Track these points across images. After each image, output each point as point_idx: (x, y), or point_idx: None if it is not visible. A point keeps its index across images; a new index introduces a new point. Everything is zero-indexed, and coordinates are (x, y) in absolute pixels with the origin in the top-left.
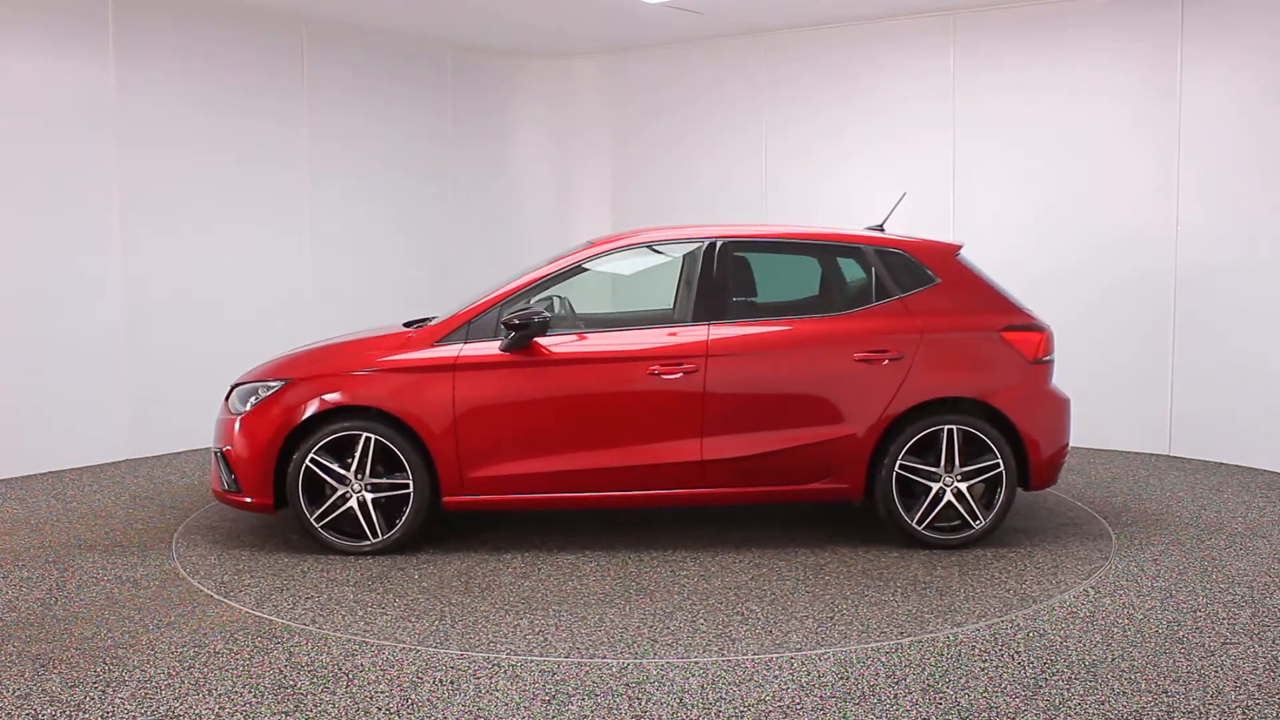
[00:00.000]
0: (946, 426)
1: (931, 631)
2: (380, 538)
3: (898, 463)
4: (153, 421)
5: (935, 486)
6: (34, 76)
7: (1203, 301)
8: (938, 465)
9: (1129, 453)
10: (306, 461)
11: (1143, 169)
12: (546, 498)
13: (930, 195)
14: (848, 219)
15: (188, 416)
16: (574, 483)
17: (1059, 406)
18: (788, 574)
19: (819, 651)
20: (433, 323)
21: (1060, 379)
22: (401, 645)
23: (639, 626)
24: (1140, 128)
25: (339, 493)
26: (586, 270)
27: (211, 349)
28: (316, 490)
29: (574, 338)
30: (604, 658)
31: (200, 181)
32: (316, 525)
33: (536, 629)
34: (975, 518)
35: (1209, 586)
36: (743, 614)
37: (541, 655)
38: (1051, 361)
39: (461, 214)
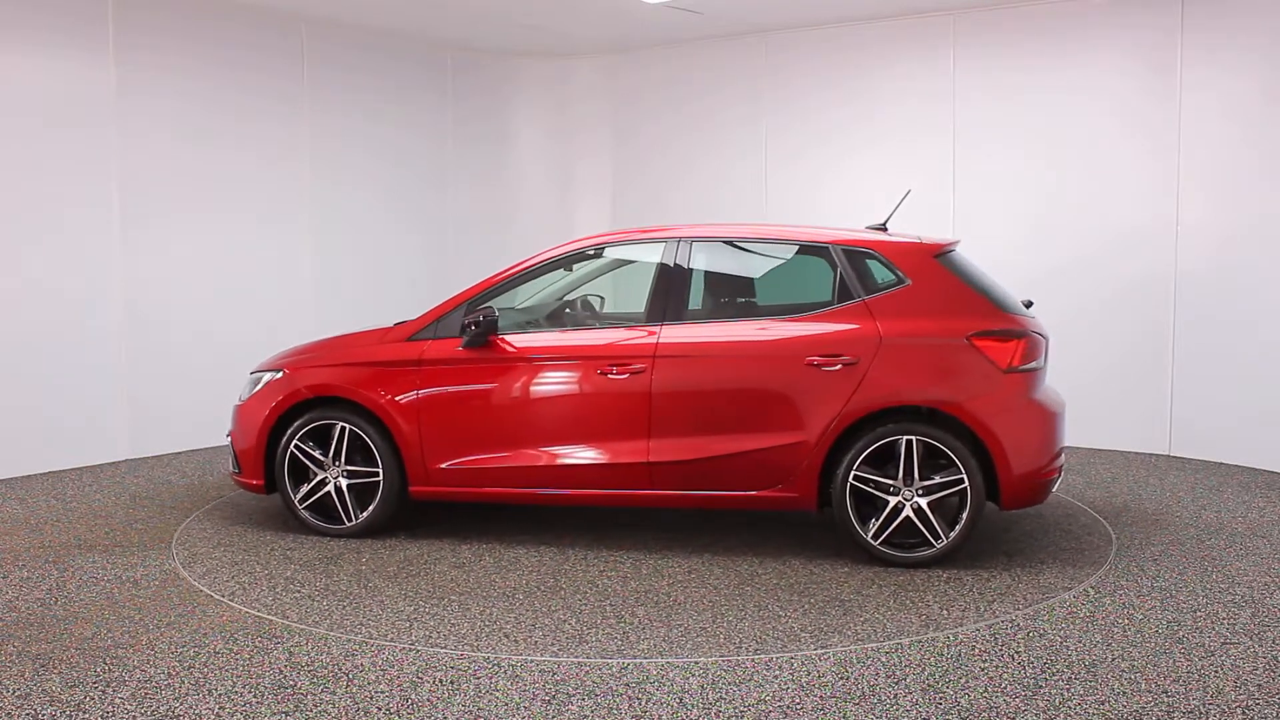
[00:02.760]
0: (904, 437)
1: (797, 650)
2: (353, 522)
3: (852, 474)
4: (153, 421)
5: (893, 500)
6: (34, 76)
7: (1203, 301)
8: (896, 478)
9: (1129, 453)
10: (291, 448)
11: (1142, 169)
12: (501, 492)
13: (930, 195)
14: (848, 218)
15: (187, 416)
16: (527, 478)
17: (1041, 419)
18: (711, 581)
19: (818, 652)
20: None
21: (1060, 379)
22: (401, 645)
23: (509, 621)
24: (1140, 127)
25: (319, 478)
26: (554, 270)
27: (211, 349)
28: (304, 475)
29: (534, 336)
30: (447, 649)
31: (200, 181)
32: (299, 507)
33: (414, 617)
34: (937, 536)
35: (1209, 586)
36: (620, 617)
37: (428, 646)
38: (1033, 370)
39: (462, 214)
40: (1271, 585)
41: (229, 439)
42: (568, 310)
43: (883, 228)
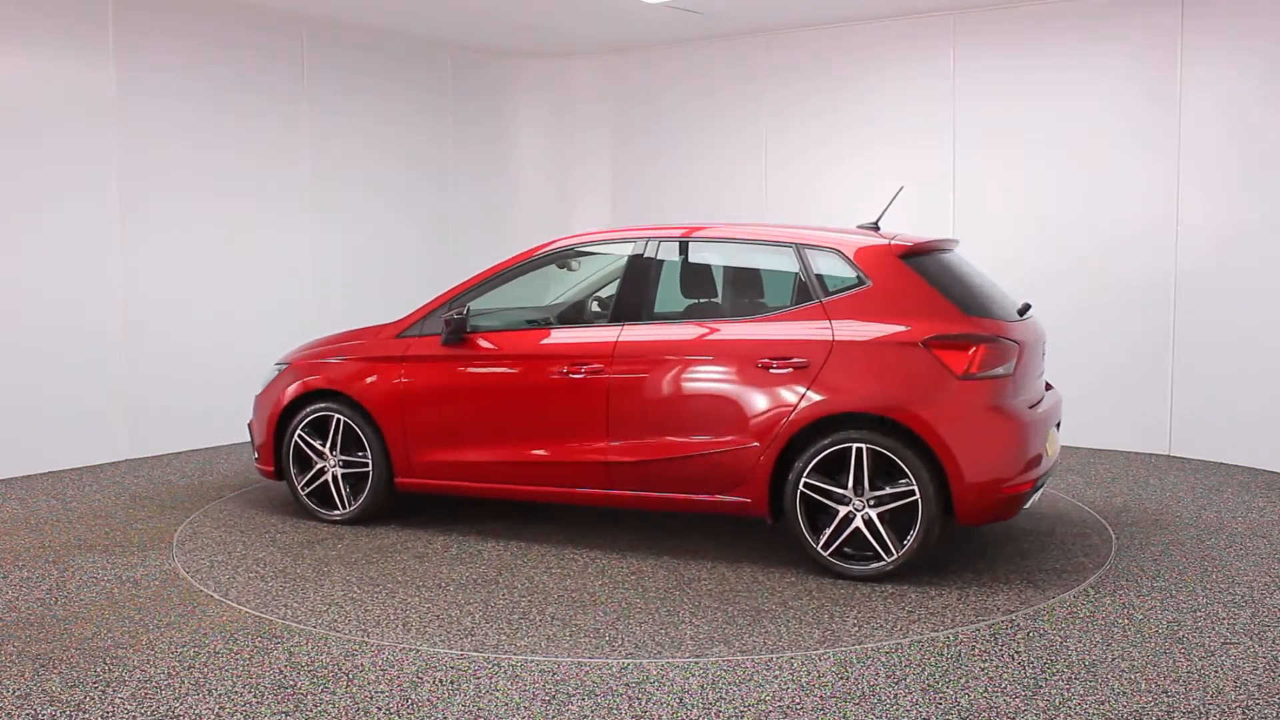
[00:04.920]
0: (854, 445)
1: (672, 657)
2: (347, 510)
3: (802, 481)
4: (153, 421)
5: (843, 510)
6: (34, 76)
7: (1203, 302)
8: (847, 486)
9: (1129, 453)
10: (295, 438)
11: (1142, 169)
12: (474, 486)
13: (930, 195)
14: (848, 218)
15: (187, 416)
16: (497, 474)
17: (1002, 429)
18: (646, 583)
19: (818, 652)
20: None
21: (1061, 379)
22: (401, 645)
23: (415, 612)
24: (1140, 128)
25: (318, 466)
26: (531, 270)
27: (211, 349)
28: (309, 464)
29: (508, 335)
30: (339, 634)
31: (200, 181)
32: (302, 493)
33: (337, 602)
34: (888, 549)
35: (1209, 586)
36: (525, 613)
37: (329, 630)
38: (995, 378)
39: (461, 215)
40: (1271, 585)
41: (249, 428)
42: (586, 310)
43: (875, 226)
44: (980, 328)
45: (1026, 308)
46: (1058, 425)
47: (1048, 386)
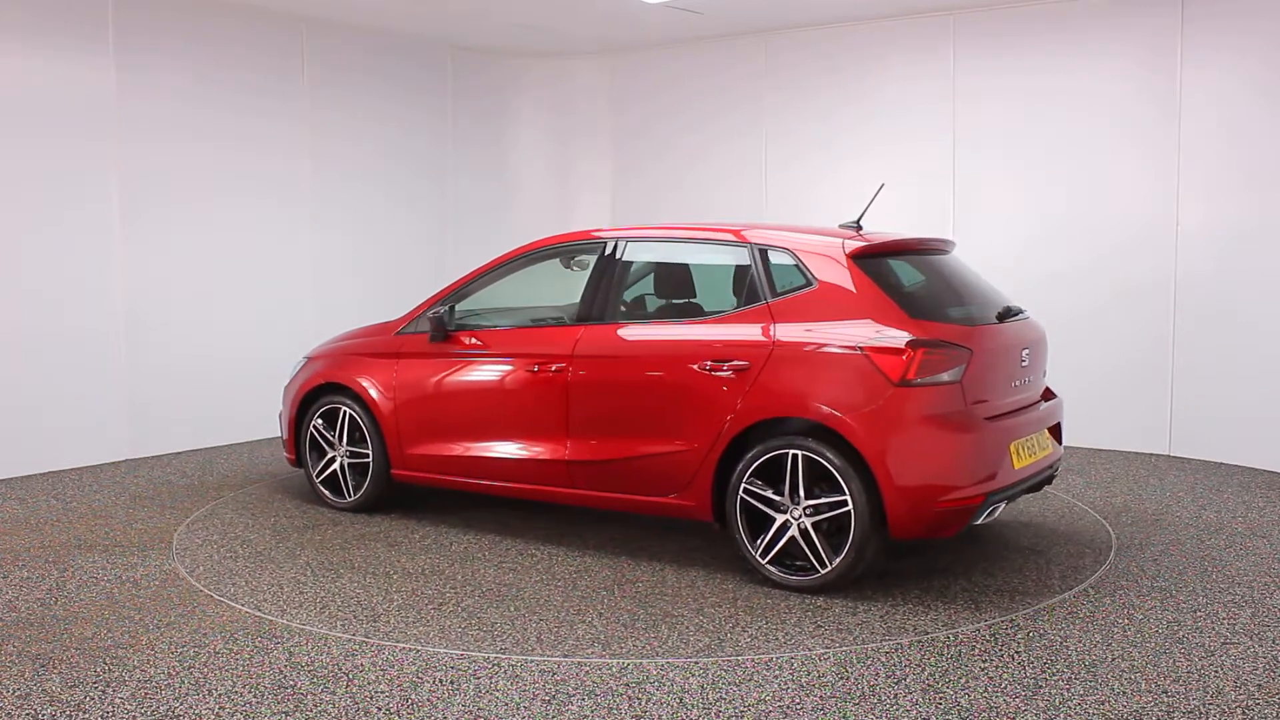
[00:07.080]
0: (790, 451)
1: (541, 655)
2: (351, 498)
3: (742, 487)
4: (153, 421)
5: (780, 518)
6: (34, 77)
7: (1203, 302)
8: (784, 494)
9: (1129, 453)
10: (310, 428)
11: (1142, 170)
12: (454, 480)
13: (930, 196)
14: (846, 218)
15: (188, 416)
16: (474, 469)
17: (942, 439)
18: (581, 582)
19: (819, 651)
20: None
21: (1062, 380)
22: (401, 645)
23: (339, 597)
24: (1139, 129)
25: (328, 456)
26: (517, 270)
27: (212, 349)
28: (324, 453)
29: (489, 334)
30: (261, 613)
31: (200, 182)
32: (316, 481)
33: (279, 584)
34: (822, 561)
35: (1209, 586)
36: (439, 603)
37: (257, 611)
38: (938, 385)
39: (461, 214)
40: (1271, 585)
41: (279, 418)
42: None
43: (857, 225)
44: (925, 332)
45: (1008, 311)
46: (1058, 432)
47: (1050, 393)
